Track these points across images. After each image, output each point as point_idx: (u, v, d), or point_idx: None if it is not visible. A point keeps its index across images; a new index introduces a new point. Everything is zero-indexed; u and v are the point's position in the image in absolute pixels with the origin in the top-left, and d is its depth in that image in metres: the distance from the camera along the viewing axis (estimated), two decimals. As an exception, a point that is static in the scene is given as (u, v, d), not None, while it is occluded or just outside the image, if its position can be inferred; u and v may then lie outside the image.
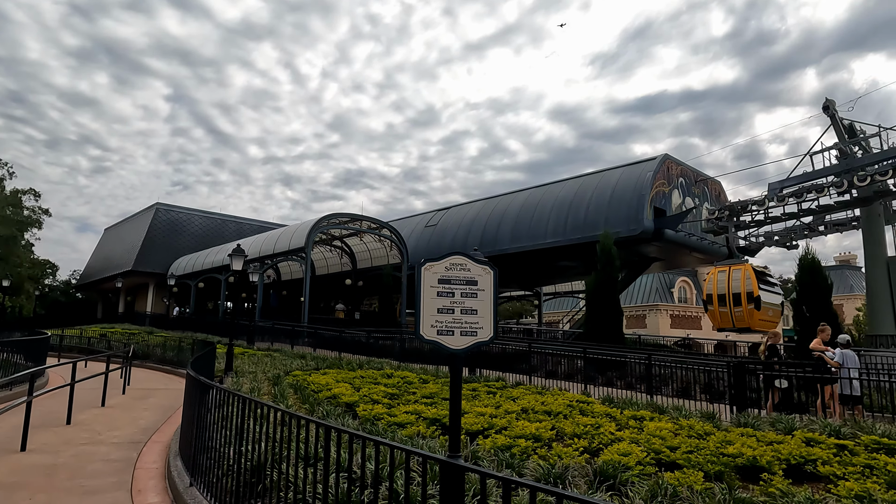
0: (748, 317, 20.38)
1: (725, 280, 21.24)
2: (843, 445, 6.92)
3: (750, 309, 20.30)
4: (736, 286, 20.77)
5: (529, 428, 7.42)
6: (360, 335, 21.86)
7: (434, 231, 37.04)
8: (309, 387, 11.95)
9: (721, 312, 21.25)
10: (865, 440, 7.16)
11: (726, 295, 21.03)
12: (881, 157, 22.12)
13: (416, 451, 3.76)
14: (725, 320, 21.29)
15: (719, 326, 22.05)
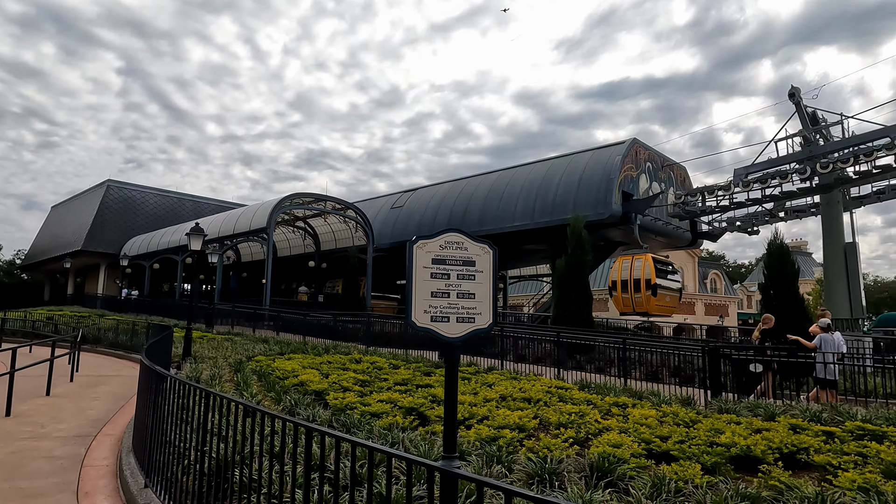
0: (646, 302, 22.37)
1: (629, 268, 23.31)
2: (831, 432, 6.80)
3: (647, 295, 22.35)
4: (637, 274, 22.86)
5: (512, 417, 7.07)
6: (325, 319, 21.23)
7: (400, 213, 36.39)
8: (274, 373, 11.36)
9: (623, 298, 23.28)
10: (850, 426, 7.06)
11: (628, 281, 23.10)
12: (843, 145, 22.54)
13: (409, 456, 3.32)
14: (627, 305, 23.14)
15: (622, 311, 23.67)
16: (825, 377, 10.21)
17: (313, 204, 32.63)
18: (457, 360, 3.73)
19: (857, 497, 4.60)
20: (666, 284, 23.31)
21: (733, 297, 63.87)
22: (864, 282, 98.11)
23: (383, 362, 13.33)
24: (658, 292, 22.55)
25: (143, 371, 7.19)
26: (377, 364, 12.98)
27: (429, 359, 15.24)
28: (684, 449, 5.76)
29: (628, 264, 23.47)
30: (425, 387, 9.88)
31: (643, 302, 22.37)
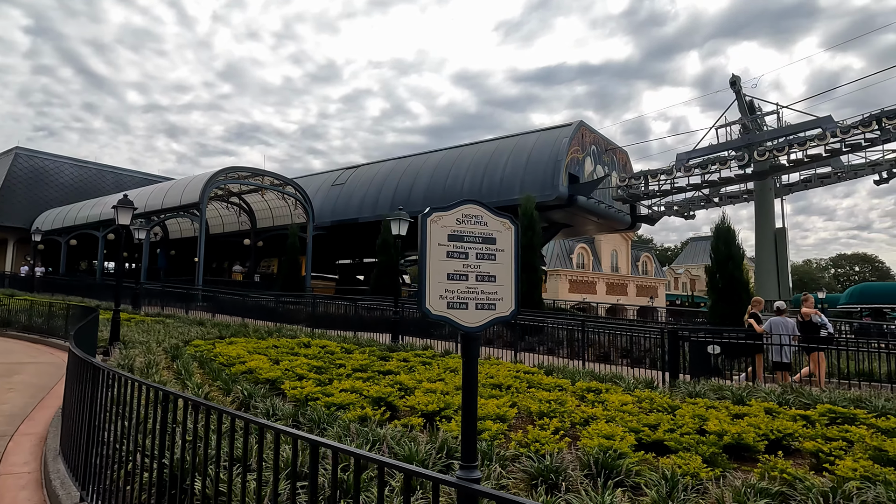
0: None
1: None
2: (806, 416, 6.79)
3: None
4: None
5: (489, 406, 6.65)
6: (266, 300, 20.14)
7: (342, 190, 35.23)
8: (217, 359, 10.47)
9: None
10: (821, 409, 7.10)
11: None
12: (779, 134, 23.45)
13: (426, 473, 2.78)
14: None
15: None
16: (781, 360, 10.43)
17: (250, 179, 30.97)
18: (476, 353, 3.21)
19: (862, 486, 4.46)
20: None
21: (662, 279, 66.55)
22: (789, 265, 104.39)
23: (335, 346, 12.64)
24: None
25: (72, 360, 6.26)
26: (328, 348, 12.29)
27: (380, 342, 14.67)
28: (679, 439, 5.51)
29: None
30: (386, 373, 9.33)
31: None
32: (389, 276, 23.03)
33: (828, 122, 22.29)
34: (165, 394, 3.95)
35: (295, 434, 2.92)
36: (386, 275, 22.98)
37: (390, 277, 23.01)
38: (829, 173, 26.75)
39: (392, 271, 23.18)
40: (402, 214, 15.14)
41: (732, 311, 15.40)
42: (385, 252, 23.24)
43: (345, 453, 2.87)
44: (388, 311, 17.11)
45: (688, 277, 76.17)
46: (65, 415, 6.34)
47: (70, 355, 6.47)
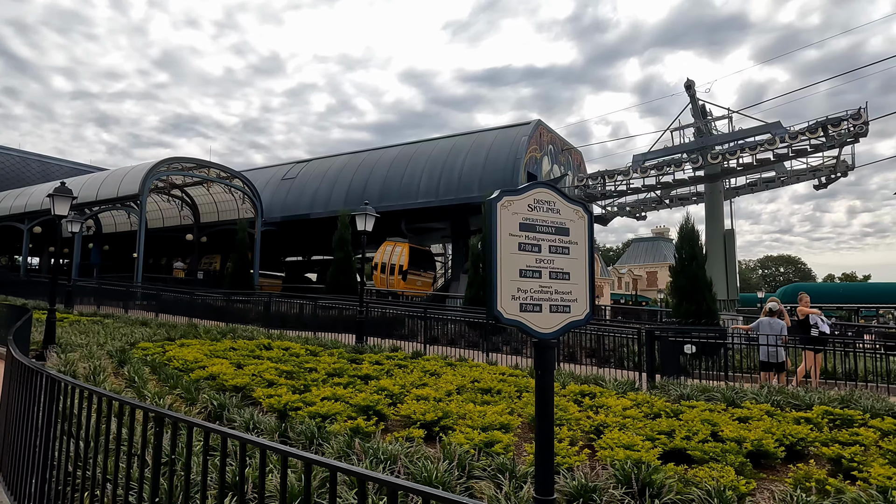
0: (397, 283, 25.86)
1: (390, 253, 26.60)
2: (808, 419, 6.67)
3: (398, 278, 25.79)
4: (395, 259, 26.23)
5: (488, 415, 6.19)
6: (216, 298, 18.95)
7: (292, 185, 33.97)
8: (171, 364, 9.57)
9: (381, 277, 26.53)
10: (818, 411, 7.01)
11: (387, 264, 26.41)
12: (732, 138, 24.10)
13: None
14: (383, 284, 26.39)
15: (378, 288, 26.68)
16: (767, 360, 10.46)
17: (195, 171, 29.32)
18: (552, 365, 2.73)
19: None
20: (416, 272, 27.47)
21: (608, 279, 68.07)
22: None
23: (298, 348, 11.86)
24: (408, 277, 25.91)
25: (12, 366, 5.37)
26: (292, 351, 11.51)
27: (344, 343, 13.96)
28: (702, 448, 5.21)
29: (390, 249, 26.87)
30: (364, 378, 8.71)
31: (395, 283, 25.78)
32: (346, 273, 22.22)
33: (777, 127, 23.10)
34: (133, 407, 3.25)
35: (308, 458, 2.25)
36: (342, 272, 22.15)
37: (347, 275, 22.21)
38: (773, 178, 27.77)
39: (349, 269, 22.39)
40: (367, 209, 14.46)
41: (696, 309, 15.55)
42: (342, 249, 22.41)
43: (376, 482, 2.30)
44: (349, 310, 16.38)
45: (630, 277, 78.29)
46: (4, 429, 5.43)
47: (9, 359, 5.56)
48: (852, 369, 10.74)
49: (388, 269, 26.62)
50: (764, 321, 10.73)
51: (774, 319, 10.67)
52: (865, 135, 21.77)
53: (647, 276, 79.56)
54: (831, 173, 25.29)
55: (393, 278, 26.26)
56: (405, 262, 26.43)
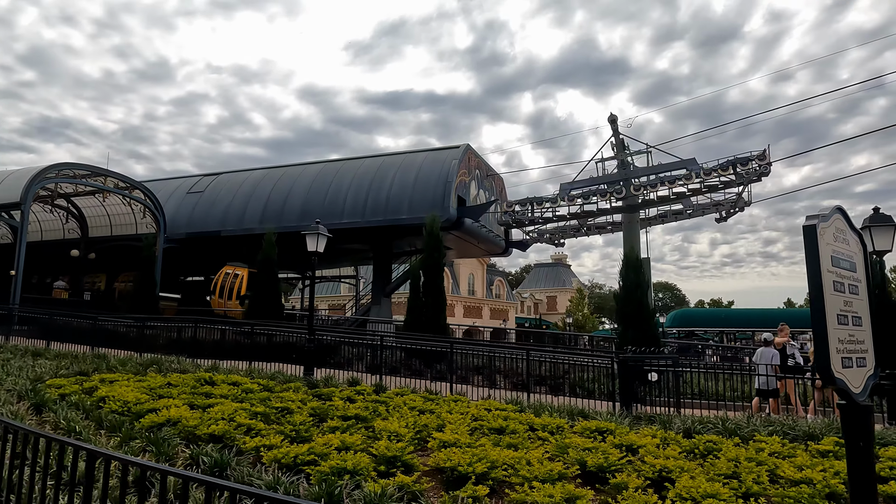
0: (234, 308, 26.07)
1: (229, 278, 27.04)
2: (825, 452, 6.67)
3: (236, 303, 26.13)
4: (233, 284, 26.64)
5: (534, 464, 5.55)
6: (126, 324, 16.67)
7: (200, 199, 31.37)
8: (107, 406, 8.00)
9: (219, 301, 26.90)
10: (827, 442, 7.07)
11: (225, 289, 26.81)
12: (652, 171, 25.42)
13: None
14: (220, 306, 26.69)
15: (215, 308, 26.95)
16: (759, 387, 10.70)
17: (89, 179, 26.18)
18: (871, 433, 2.19)
19: None
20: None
21: (513, 303, 69.60)
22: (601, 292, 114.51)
23: (249, 383, 10.52)
24: (245, 302, 25.34)
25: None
26: (244, 386, 10.17)
27: (288, 373, 12.67)
28: (787, 493, 4.90)
29: (230, 274, 27.22)
30: (356, 419, 7.68)
31: (232, 308, 26.01)
32: (271, 297, 20.60)
33: (692, 164, 24.71)
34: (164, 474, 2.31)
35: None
36: (267, 296, 20.50)
37: (272, 299, 20.59)
38: (681, 210, 29.68)
39: (275, 292, 20.80)
40: (319, 228, 13.34)
41: (642, 336, 15.85)
42: (267, 270, 20.78)
43: None
44: (287, 337, 15.04)
45: (532, 301, 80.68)
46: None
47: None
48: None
49: (227, 294, 26.65)
50: (762, 350, 11.05)
51: (767, 348, 10.99)
52: (768, 174, 23.82)
53: (548, 301, 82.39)
54: (731, 208, 27.39)
55: (231, 303, 26.35)
56: (243, 287, 26.36)
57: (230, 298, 26.69)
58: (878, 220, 9.47)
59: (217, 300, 27.20)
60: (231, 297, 26.66)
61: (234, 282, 26.87)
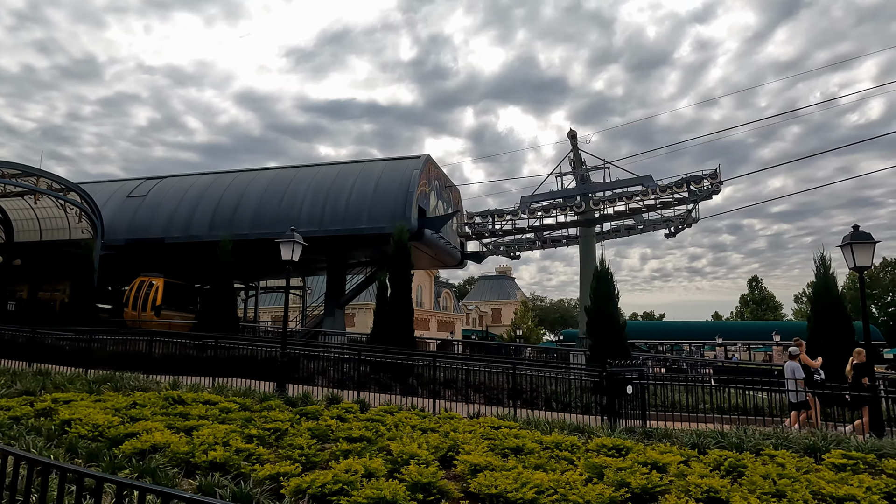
0: (149, 319, 25.27)
1: (143, 288, 26.01)
2: (841, 465, 6.72)
3: (151, 314, 25.33)
4: (147, 294, 25.66)
5: (579, 487, 5.26)
6: (69, 337, 15.27)
7: (142, 204, 29.53)
8: (73, 430, 7.14)
9: (132, 313, 25.76)
10: (835, 455, 7.13)
11: (139, 299, 25.76)
12: (610, 187, 25.96)
13: None
14: (135, 318, 25.58)
15: (128, 319, 25.94)
16: (794, 401, 10.85)
17: (19, 178, 24.13)
18: None
19: None
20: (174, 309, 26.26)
21: (460, 315, 69.59)
22: (542, 304, 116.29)
23: (223, 401, 9.74)
24: (162, 313, 25.11)
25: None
26: (219, 405, 9.39)
27: (259, 390, 11.88)
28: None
29: (144, 284, 26.06)
30: (360, 440, 7.14)
31: (148, 318, 25.06)
32: (226, 308, 19.49)
33: (648, 180, 25.42)
34: None
35: None
36: (222, 308, 19.38)
37: (227, 310, 19.50)
38: (633, 225, 30.51)
39: (230, 303, 19.72)
40: (295, 236, 12.63)
41: (613, 348, 15.94)
42: (223, 280, 19.68)
43: None
44: (254, 351, 14.18)
45: (477, 313, 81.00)
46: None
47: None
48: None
49: (140, 305, 25.52)
50: (789, 364, 11.20)
51: (792, 362, 11.15)
52: (719, 192, 24.82)
53: (493, 313, 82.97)
54: (680, 224, 28.36)
55: (146, 314, 25.31)
56: (159, 297, 25.45)
57: (145, 309, 25.62)
58: (858, 237, 9.83)
59: (130, 311, 25.93)
60: (146, 308, 25.57)
61: (150, 292, 25.69)
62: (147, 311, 25.57)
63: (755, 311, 79.98)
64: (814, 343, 14.90)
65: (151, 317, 25.49)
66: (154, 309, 25.52)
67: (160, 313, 25.50)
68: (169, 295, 26.30)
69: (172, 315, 26.47)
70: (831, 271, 15.63)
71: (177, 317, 26.70)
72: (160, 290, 25.77)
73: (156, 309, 25.47)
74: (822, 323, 15.06)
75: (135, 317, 25.81)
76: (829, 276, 15.40)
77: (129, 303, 26.26)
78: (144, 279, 26.61)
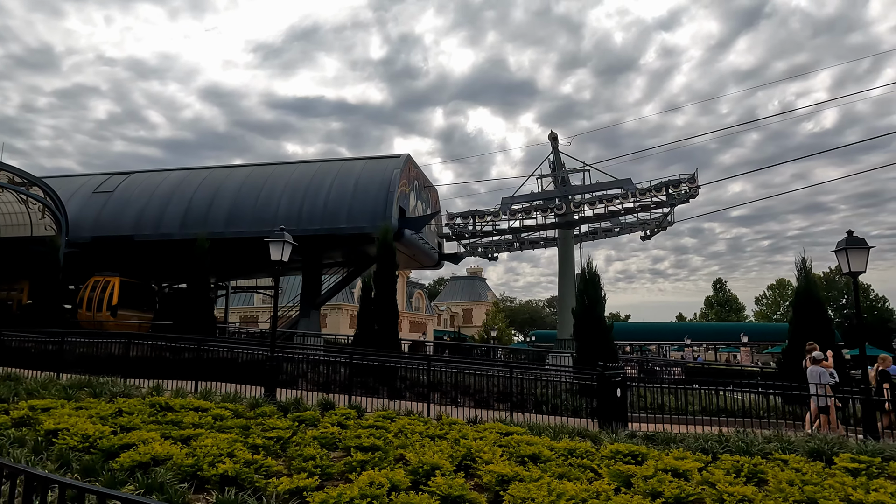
0: (105, 320, 24.45)
1: (99, 287, 25.21)
2: (856, 470, 6.75)
3: (107, 314, 24.59)
4: (102, 294, 24.88)
5: (614, 498, 5.12)
6: (37, 339, 14.47)
7: (109, 200, 28.41)
8: (60, 440, 6.69)
9: (87, 314, 24.98)
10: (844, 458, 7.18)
11: (94, 299, 25.03)
12: (591, 189, 26.10)
13: None
14: (89, 319, 24.83)
15: (82, 320, 25.08)
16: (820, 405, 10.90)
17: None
18: None
19: None
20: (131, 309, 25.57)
21: (432, 315, 69.31)
22: (511, 305, 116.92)
23: (214, 407, 9.32)
24: (119, 313, 24.48)
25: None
26: (211, 412, 8.97)
27: (247, 395, 11.45)
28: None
29: (98, 284, 25.25)
30: (371, 450, 6.86)
31: (103, 319, 24.31)
32: (203, 310, 18.84)
33: (628, 184, 25.66)
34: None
35: None
36: (198, 309, 18.70)
37: (204, 312, 18.85)
38: (610, 228, 30.80)
39: (206, 305, 19.08)
40: (285, 235, 12.22)
41: (601, 351, 15.94)
42: (199, 280, 19.02)
43: None
44: (238, 354, 13.69)
45: (449, 314, 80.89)
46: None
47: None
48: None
49: (95, 306, 24.69)
50: (812, 369, 11.25)
51: (816, 367, 11.21)
52: (696, 196, 25.19)
53: (464, 314, 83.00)
54: (657, 227, 28.75)
55: (101, 314, 24.45)
56: (115, 297, 24.73)
57: (100, 310, 24.73)
58: (852, 242, 9.99)
59: (85, 312, 24.99)
60: (102, 309, 24.69)
61: (105, 292, 24.78)
62: (103, 311, 24.68)
63: (720, 312, 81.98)
64: (795, 345, 15.20)
65: (107, 317, 24.54)
66: (110, 309, 24.66)
67: (116, 314, 24.62)
68: (126, 295, 25.45)
69: (130, 315, 25.65)
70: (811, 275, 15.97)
71: (134, 317, 25.88)
72: (116, 290, 24.86)
73: (112, 309, 24.59)
74: (804, 325, 15.34)
75: (89, 318, 24.84)
76: (811, 279, 15.73)
77: (83, 303, 25.30)
78: (99, 278, 25.66)
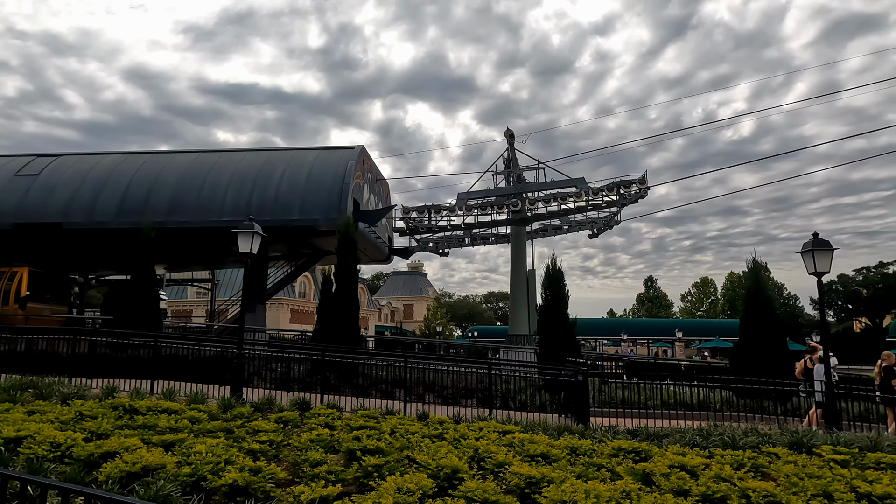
0: (13, 313, 22.98)
1: (4, 279, 23.66)
2: (844, 462, 7.06)
3: (15, 307, 23.00)
4: (9, 286, 23.33)
5: (645, 497, 5.08)
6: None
7: (34, 184, 26.16)
8: (26, 450, 6.01)
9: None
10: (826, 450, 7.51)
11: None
12: (546, 187, 26.44)
13: None
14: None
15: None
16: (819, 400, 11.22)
17: None
18: None
19: None
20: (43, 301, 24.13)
21: (374, 311, 68.55)
22: (451, 301, 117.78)
23: (188, 410, 8.66)
24: (29, 306, 23.16)
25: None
26: (185, 415, 8.35)
27: (212, 395, 10.77)
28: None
29: (6, 275, 23.70)
30: (375, 453, 6.53)
31: (11, 314, 22.77)
32: (148, 304, 17.65)
33: (581, 182, 26.16)
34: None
35: None
36: (143, 302, 17.49)
37: (149, 306, 17.67)
38: (560, 225, 31.38)
39: (151, 298, 17.91)
40: (253, 226, 11.55)
41: (564, 347, 16.14)
42: (144, 273, 17.81)
43: None
44: (199, 351, 12.90)
45: (390, 309, 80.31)
46: None
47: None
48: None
49: (2, 298, 23.22)
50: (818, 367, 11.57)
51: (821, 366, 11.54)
52: (646, 196, 26.03)
53: (405, 309, 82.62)
54: (604, 225, 29.55)
55: (8, 307, 22.91)
56: (23, 289, 23.22)
57: (7, 303, 23.22)
58: (818, 244, 10.51)
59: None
60: (8, 302, 23.18)
61: (12, 283, 23.21)
62: (10, 304, 23.03)
63: (650, 308, 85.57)
64: (746, 341, 15.93)
65: (15, 310, 22.90)
66: (18, 301, 23.02)
67: (25, 306, 23.09)
68: (36, 286, 23.81)
69: (41, 308, 24.06)
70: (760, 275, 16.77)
71: (46, 310, 24.25)
72: (24, 281, 23.22)
73: (20, 301, 22.98)
74: (754, 322, 16.06)
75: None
76: (761, 278, 16.51)
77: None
78: (5, 269, 23.90)
